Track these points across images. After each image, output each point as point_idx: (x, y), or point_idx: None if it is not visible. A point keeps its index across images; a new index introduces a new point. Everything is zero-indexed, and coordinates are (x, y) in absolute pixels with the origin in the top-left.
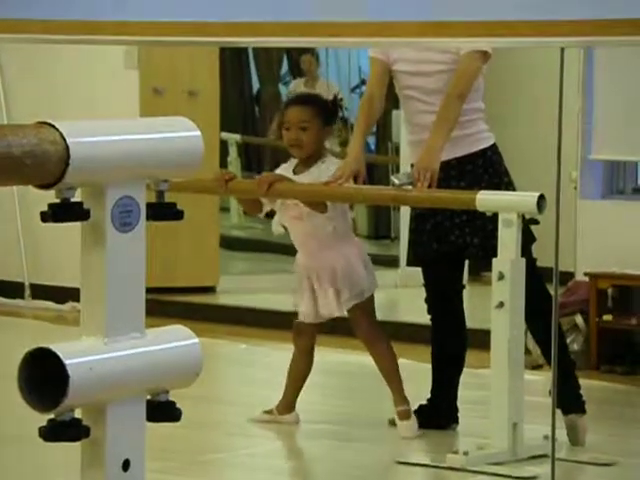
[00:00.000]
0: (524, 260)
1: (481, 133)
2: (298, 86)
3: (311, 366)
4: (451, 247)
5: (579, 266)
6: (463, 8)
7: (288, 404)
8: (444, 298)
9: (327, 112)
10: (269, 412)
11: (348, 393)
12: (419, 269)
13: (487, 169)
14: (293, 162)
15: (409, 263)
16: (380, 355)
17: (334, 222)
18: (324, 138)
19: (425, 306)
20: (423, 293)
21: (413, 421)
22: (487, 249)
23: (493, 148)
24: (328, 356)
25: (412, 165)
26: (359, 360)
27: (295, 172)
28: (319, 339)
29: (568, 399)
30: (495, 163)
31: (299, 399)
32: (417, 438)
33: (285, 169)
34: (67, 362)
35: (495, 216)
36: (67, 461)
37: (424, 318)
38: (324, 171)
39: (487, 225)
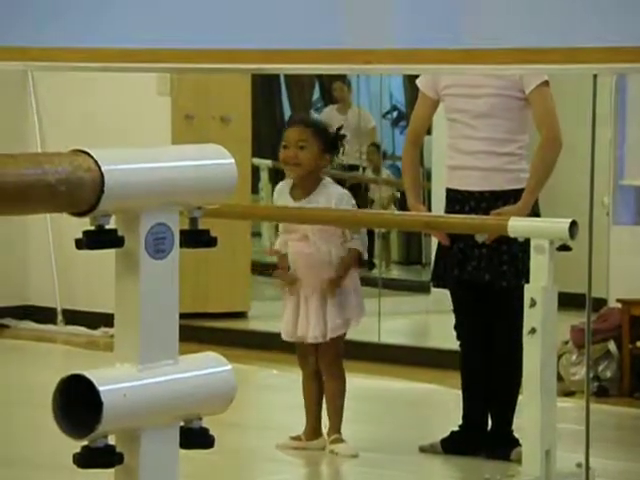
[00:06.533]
0: (556, 287)
1: (521, 172)
2: (331, 112)
3: (322, 387)
4: (469, 276)
5: (612, 292)
6: (494, 35)
7: (313, 430)
8: (471, 325)
9: (326, 137)
10: (296, 438)
11: (378, 419)
12: (449, 294)
13: None
14: (288, 184)
15: (434, 284)
16: (333, 388)
17: (339, 249)
18: (322, 164)
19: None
20: (454, 319)
21: (346, 443)
22: (495, 288)
23: None
24: (357, 382)
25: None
26: (388, 386)
27: (294, 198)
28: (348, 364)
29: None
30: None
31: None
32: (449, 465)
33: (281, 191)
34: (101, 389)
35: (513, 257)
36: None
37: (455, 344)
38: (333, 195)
39: (502, 266)
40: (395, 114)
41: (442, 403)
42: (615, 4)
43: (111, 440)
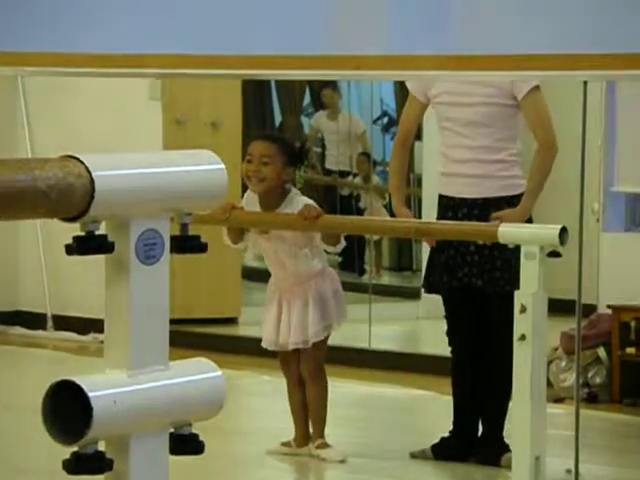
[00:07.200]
0: (546, 293)
1: (514, 179)
2: (321, 118)
3: (306, 393)
4: (460, 283)
5: (601, 299)
6: (486, 42)
7: (303, 436)
8: (463, 331)
9: (291, 153)
10: (286, 444)
11: (368, 425)
12: (439, 300)
13: None
14: (255, 195)
15: (425, 289)
16: (315, 394)
17: (316, 255)
18: (285, 178)
19: (446, 338)
20: (444, 325)
21: (332, 448)
22: (487, 294)
23: (521, 196)
24: (347, 388)
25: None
26: (379, 392)
27: (263, 209)
28: (338, 371)
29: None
30: None
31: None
32: (439, 471)
33: (250, 201)
34: (91, 395)
35: (506, 263)
36: None
37: (445, 350)
38: (300, 206)
39: (494, 272)
40: (385, 120)
41: (433, 409)
42: (605, 12)
43: (101, 446)
